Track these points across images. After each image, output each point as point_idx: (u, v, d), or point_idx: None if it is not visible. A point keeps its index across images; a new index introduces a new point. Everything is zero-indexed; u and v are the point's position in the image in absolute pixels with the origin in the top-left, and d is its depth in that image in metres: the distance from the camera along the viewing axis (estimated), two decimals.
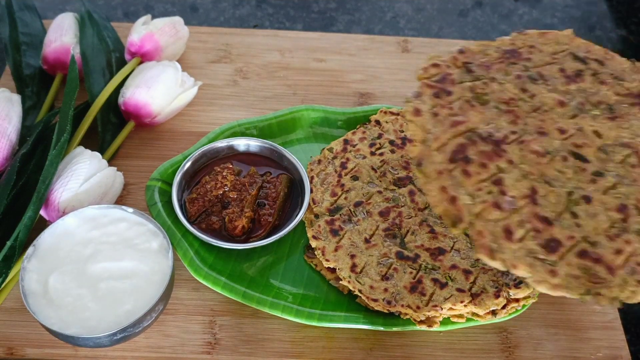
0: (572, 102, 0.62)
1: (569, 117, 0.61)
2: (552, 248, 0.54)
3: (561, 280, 0.53)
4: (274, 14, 1.11)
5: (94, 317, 0.64)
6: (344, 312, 0.70)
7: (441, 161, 0.57)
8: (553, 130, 0.60)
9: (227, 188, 0.76)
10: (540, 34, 0.69)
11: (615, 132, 0.61)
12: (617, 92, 0.65)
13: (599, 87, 0.65)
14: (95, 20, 0.92)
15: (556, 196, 0.56)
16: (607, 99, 0.64)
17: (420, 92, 0.60)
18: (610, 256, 0.54)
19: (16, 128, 0.80)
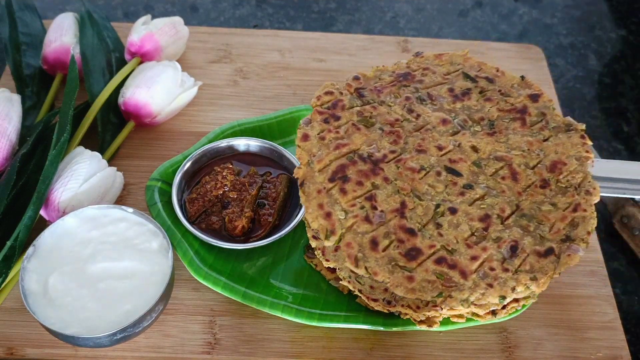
0: (455, 120, 0.66)
1: (450, 134, 0.66)
2: (412, 256, 0.59)
3: (416, 284, 0.58)
4: (274, 14, 1.11)
5: (93, 317, 0.64)
6: (344, 312, 0.70)
7: (322, 181, 0.62)
8: (432, 148, 0.64)
9: (227, 188, 0.76)
10: (436, 56, 0.74)
11: (491, 147, 0.66)
12: (501, 108, 0.69)
13: (483, 104, 0.69)
14: (95, 20, 0.92)
15: (424, 209, 0.61)
16: (489, 115, 0.68)
17: (311, 119, 0.65)
18: (466, 262, 0.59)
19: (16, 128, 0.80)
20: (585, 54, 1.10)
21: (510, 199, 0.63)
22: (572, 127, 0.68)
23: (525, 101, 0.70)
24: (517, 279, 0.60)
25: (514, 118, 0.68)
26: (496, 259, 0.61)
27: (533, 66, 0.98)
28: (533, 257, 0.61)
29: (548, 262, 0.60)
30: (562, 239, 0.62)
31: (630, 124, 1.00)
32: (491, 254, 0.60)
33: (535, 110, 0.69)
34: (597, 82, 1.05)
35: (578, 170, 0.65)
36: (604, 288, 0.76)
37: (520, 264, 0.60)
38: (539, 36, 1.12)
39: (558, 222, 0.62)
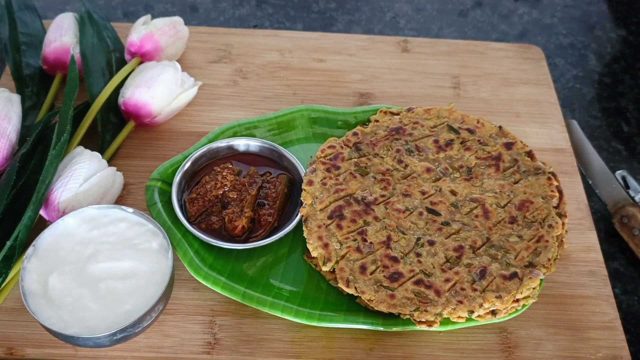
0: (438, 168, 0.78)
1: (432, 180, 0.77)
2: (395, 279, 0.69)
3: (397, 301, 0.68)
4: (273, 14, 1.11)
5: (93, 317, 0.64)
6: (343, 312, 0.70)
7: (322, 218, 0.73)
8: (416, 192, 0.76)
9: (227, 188, 0.76)
10: (425, 111, 0.84)
11: (468, 190, 0.76)
12: (479, 156, 0.79)
13: (463, 153, 0.79)
14: (95, 20, 0.92)
15: (406, 241, 0.72)
16: (468, 163, 0.79)
17: (315, 168, 0.77)
18: (440, 283, 0.69)
19: (16, 128, 0.80)
20: (585, 54, 1.10)
21: (482, 232, 0.73)
22: (540, 170, 0.78)
23: (501, 149, 0.80)
24: (484, 297, 0.68)
25: (489, 165, 0.78)
26: (466, 280, 0.69)
27: (533, 66, 0.99)
28: (499, 280, 0.69)
29: (512, 283, 0.69)
30: (525, 265, 0.70)
31: (630, 124, 1.00)
32: (462, 276, 0.69)
33: (509, 156, 0.79)
34: (597, 82, 1.05)
35: (543, 207, 0.75)
36: (604, 288, 0.76)
37: (488, 285, 0.69)
38: (539, 36, 1.12)
39: (523, 251, 0.71)
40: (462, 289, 0.69)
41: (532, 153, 0.79)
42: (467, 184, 0.77)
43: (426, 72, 0.97)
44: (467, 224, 0.74)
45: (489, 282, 0.69)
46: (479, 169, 0.78)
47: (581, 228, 0.81)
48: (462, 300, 0.68)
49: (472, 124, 0.82)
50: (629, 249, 0.85)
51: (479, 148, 0.80)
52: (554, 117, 0.92)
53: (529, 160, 0.79)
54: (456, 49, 1.00)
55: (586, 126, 0.99)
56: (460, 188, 0.76)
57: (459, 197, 0.76)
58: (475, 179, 0.77)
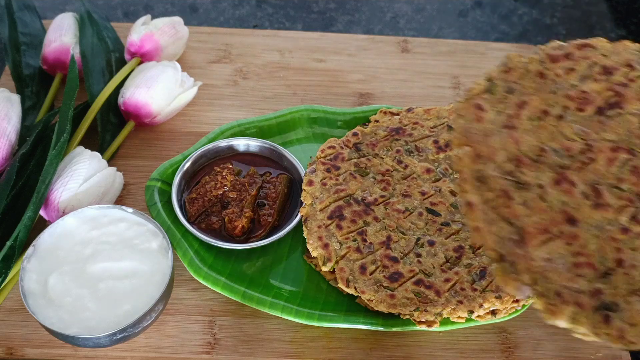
0: (438, 169, 0.76)
1: (432, 181, 0.75)
2: (395, 279, 0.68)
3: (397, 301, 0.67)
4: (273, 14, 1.11)
5: (93, 317, 0.64)
6: (343, 312, 0.70)
7: (322, 218, 0.72)
8: (416, 193, 0.74)
9: (226, 188, 0.76)
10: (425, 111, 0.82)
11: None
12: None
13: None
14: (95, 20, 0.92)
15: (406, 241, 0.71)
16: None
17: (315, 169, 0.76)
18: (440, 283, 0.68)
19: (16, 128, 0.80)
20: None
21: None
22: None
23: None
24: (484, 297, 0.68)
25: None
26: (466, 280, 0.69)
27: None
28: None
29: None
30: None
31: None
32: (462, 276, 0.69)
33: None
34: None
35: None
36: None
37: (488, 285, 0.68)
38: (539, 36, 1.12)
39: None
40: (462, 289, 0.69)
41: None
42: None
43: (426, 72, 0.97)
44: (467, 224, 0.73)
45: (488, 282, 0.69)
46: None
47: None
48: (462, 300, 0.68)
49: None
50: None
51: None
52: None
53: None
54: (456, 49, 1.00)
55: None
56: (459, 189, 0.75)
57: (459, 197, 0.75)
58: None
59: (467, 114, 0.56)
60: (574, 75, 0.58)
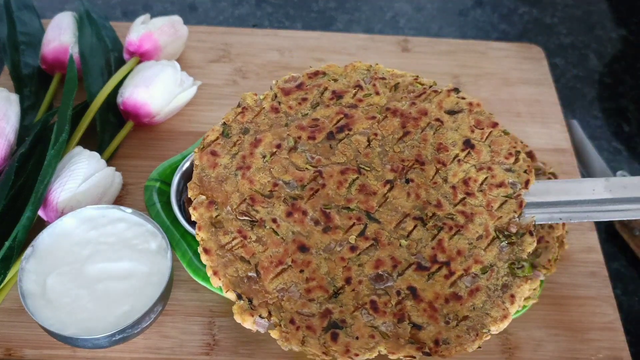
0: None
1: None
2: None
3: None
4: (273, 13, 1.11)
5: (92, 318, 0.64)
6: None
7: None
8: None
9: None
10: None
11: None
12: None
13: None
14: (93, 19, 0.92)
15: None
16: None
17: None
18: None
19: (14, 128, 0.79)
20: (586, 54, 1.09)
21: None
22: (540, 170, 0.73)
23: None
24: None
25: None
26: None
27: (533, 66, 0.98)
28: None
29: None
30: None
31: (630, 124, 0.99)
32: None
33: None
34: (598, 82, 1.05)
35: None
36: (605, 289, 0.76)
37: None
38: (539, 36, 1.12)
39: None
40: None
41: (533, 153, 0.78)
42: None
43: (426, 71, 0.96)
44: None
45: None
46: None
47: (582, 229, 0.81)
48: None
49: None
50: (629, 250, 0.84)
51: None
52: (555, 117, 0.92)
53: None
54: (456, 49, 1.00)
55: (587, 126, 0.99)
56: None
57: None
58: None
59: (202, 162, 0.57)
60: (306, 105, 0.60)
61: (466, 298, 0.55)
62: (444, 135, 0.61)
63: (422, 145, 0.60)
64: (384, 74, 0.64)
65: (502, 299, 0.57)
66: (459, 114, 0.63)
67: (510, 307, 0.57)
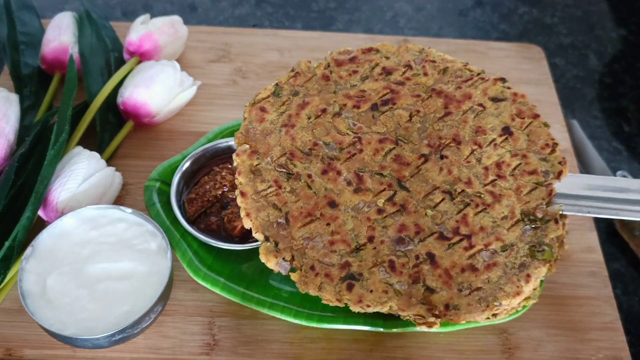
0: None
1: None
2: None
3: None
4: (273, 13, 1.11)
5: (92, 318, 0.64)
6: (343, 313, 0.70)
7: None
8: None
9: (226, 188, 0.76)
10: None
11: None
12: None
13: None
14: (93, 19, 0.92)
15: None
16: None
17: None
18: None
19: (14, 128, 0.79)
20: (586, 54, 1.09)
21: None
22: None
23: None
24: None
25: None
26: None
27: (533, 66, 0.98)
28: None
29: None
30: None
31: (630, 124, 1.00)
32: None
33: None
34: (598, 82, 1.05)
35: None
36: (605, 289, 0.76)
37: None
38: (539, 36, 1.12)
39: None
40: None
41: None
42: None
43: None
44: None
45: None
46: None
47: (582, 229, 0.81)
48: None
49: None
50: (629, 250, 0.84)
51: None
52: (555, 117, 0.92)
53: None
54: (456, 49, 1.00)
55: (587, 126, 0.99)
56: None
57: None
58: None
59: (251, 116, 0.61)
60: (356, 77, 0.64)
61: (482, 271, 0.57)
62: (484, 120, 0.64)
63: (461, 126, 0.63)
64: (435, 57, 0.68)
65: (518, 277, 0.58)
66: (502, 102, 0.65)
67: (525, 285, 0.58)
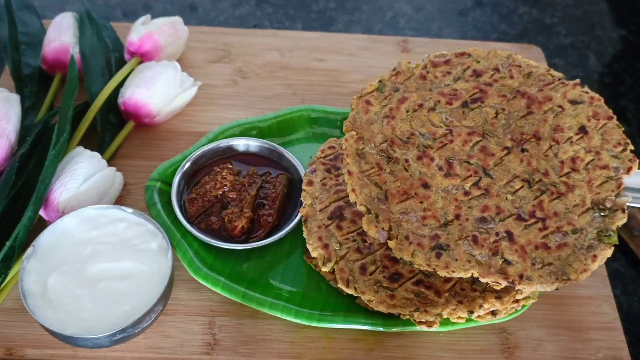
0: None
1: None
2: (395, 279, 0.69)
3: (397, 301, 0.67)
4: (273, 14, 1.11)
5: (93, 318, 0.64)
6: (343, 312, 0.70)
7: (322, 218, 0.72)
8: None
9: (226, 188, 0.76)
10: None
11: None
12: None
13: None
14: (94, 20, 0.92)
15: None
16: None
17: (315, 169, 0.76)
18: (440, 283, 0.68)
19: (15, 128, 0.79)
20: (586, 54, 1.09)
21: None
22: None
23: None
24: (484, 297, 0.68)
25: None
26: (466, 281, 0.69)
27: None
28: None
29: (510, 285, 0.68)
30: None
31: (630, 124, 1.00)
32: (461, 277, 0.67)
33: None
34: (597, 82, 1.05)
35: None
36: (604, 288, 0.76)
37: (487, 285, 0.68)
38: (539, 36, 1.12)
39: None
40: (461, 289, 0.68)
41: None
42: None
43: None
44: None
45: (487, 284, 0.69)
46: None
47: None
48: (461, 300, 0.68)
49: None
50: (629, 250, 0.84)
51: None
52: None
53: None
54: (456, 49, 1.00)
55: None
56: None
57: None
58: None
59: (357, 107, 0.69)
60: (449, 77, 0.72)
61: (554, 249, 0.64)
62: (562, 120, 0.70)
63: (541, 124, 0.70)
64: (521, 62, 0.75)
65: (585, 256, 0.64)
66: (580, 104, 0.72)
67: (591, 264, 0.64)
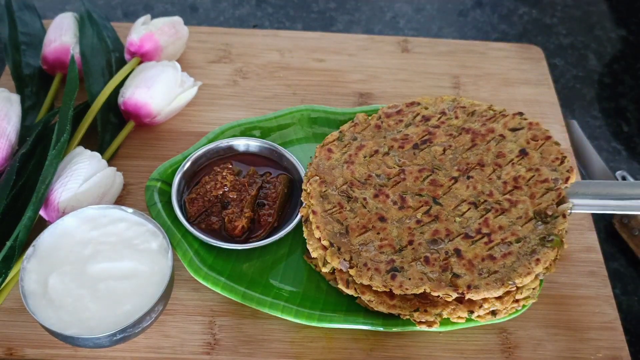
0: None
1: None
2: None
3: (397, 301, 0.69)
4: (273, 14, 1.11)
5: (93, 318, 0.64)
6: (343, 312, 0.70)
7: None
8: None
9: (226, 188, 0.76)
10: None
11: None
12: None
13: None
14: (94, 20, 0.92)
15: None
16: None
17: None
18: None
19: (15, 128, 0.80)
20: (585, 54, 1.10)
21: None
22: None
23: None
24: (484, 297, 0.67)
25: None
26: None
27: (533, 66, 0.98)
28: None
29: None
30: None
31: (629, 124, 1.00)
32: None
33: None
34: (597, 82, 1.05)
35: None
36: (604, 288, 0.76)
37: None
38: (539, 36, 1.12)
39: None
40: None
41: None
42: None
43: (426, 72, 0.97)
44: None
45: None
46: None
47: (581, 228, 0.81)
48: (462, 300, 0.68)
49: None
50: (629, 250, 0.85)
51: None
52: (554, 117, 0.92)
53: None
54: (456, 49, 1.00)
55: (586, 126, 0.99)
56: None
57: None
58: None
59: (320, 155, 0.76)
60: (401, 125, 0.80)
61: (499, 259, 0.68)
62: (504, 146, 0.77)
63: (485, 153, 0.76)
64: (465, 103, 0.81)
65: (529, 260, 0.68)
66: (519, 130, 0.77)
67: (535, 267, 0.67)
